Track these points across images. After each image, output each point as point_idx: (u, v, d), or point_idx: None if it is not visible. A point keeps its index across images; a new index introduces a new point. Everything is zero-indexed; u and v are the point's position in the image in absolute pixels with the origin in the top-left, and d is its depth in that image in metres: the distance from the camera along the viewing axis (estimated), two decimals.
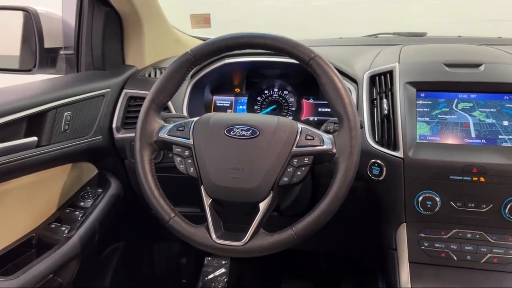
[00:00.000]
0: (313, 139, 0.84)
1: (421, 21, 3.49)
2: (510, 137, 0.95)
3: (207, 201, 0.85)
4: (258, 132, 0.85)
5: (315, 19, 3.84)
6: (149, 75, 1.28)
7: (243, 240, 0.82)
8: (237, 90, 1.31)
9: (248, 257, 0.85)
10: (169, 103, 1.16)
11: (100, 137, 1.18)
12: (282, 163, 0.83)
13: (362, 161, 0.96)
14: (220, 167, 0.84)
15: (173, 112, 1.18)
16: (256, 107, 1.28)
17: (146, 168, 0.88)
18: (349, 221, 1.23)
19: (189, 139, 0.88)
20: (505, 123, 0.96)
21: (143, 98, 0.94)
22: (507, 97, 0.98)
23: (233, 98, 1.30)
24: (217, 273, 1.76)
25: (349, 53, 1.29)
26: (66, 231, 1.08)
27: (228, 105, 1.30)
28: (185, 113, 1.18)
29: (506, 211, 0.91)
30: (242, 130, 0.86)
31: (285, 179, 0.83)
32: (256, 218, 0.83)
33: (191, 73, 1.10)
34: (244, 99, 1.29)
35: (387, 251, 1.02)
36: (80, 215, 1.12)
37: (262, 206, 0.83)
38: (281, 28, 3.74)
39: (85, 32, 1.26)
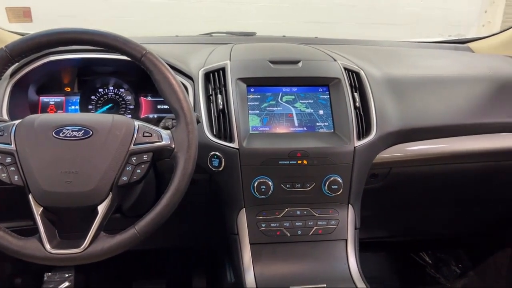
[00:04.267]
0: (151, 135, 0.85)
1: (253, 22, 3.74)
2: (325, 124, 1.10)
3: (37, 210, 0.79)
4: (91, 132, 0.82)
5: (154, 17, 3.78)
6: None
7: (82, 246, 0.78)
8: (68, 89, 1.22)
9: (94, 265, 0.82)
10: None
11: None
12: (120, 162, 0.81)
13: (202, 154, 1.01)
14: (50, 172, 0.79)
15: None
16: (90, 106, 1.22)
17: None
18: (195, 213, 1.26)
19: (11, 144, 0.79)
20: (321, 112, 1.11)
21: None
22: (321, 90, 1.13)
23: (63, 98, 1.21)
24: None
25: (185, 51, 1.32)
26: None
27: (58, 105, 1.21)
28: (5, 116, 1.05)
29: (326, 187, 1.05)
30: (73, 131, 0.81)
31: (124, 178, 0.81)
32: (95, 222, 0.80)
33: (9, 71, 0.99)
34: (76, 98, 1.21)
35: (230, 236, 1.08)
36: None
37: (101, 208, 0.80)
38: (118, 24, 3.58)
39: None
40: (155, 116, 1.24)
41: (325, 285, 1.00)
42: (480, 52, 1.63)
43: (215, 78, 1.11)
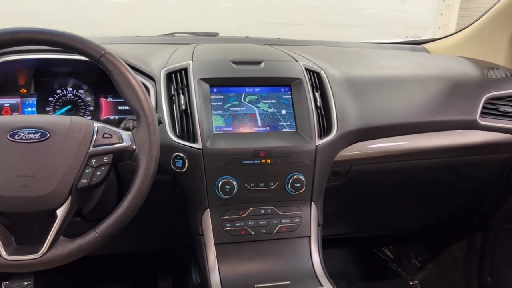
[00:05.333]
0: (111, 137, 0.83)
1: (216, 23, 3.74)
2: (288, 123, 1.11)
3: None
4: (48, 134, 0.80)
5: (115, 17, 3.71)
6: None
7: (41, 252, 0.76)
8: (23, 90, 1.18)
9: (55, 271, 0.80)
10: None
11: None
12: (79, 165, 0.79)
13: (165, 155, 1.00)
14: (5, 176, 0.76)
15: None
16: (48, 108, 1.18)
17: None
18: (159, 215, 1.25)
19: None
20: (283, 112, 1.12)
21: None
22: (283, 90, 1.14)
23: (19, 99, 1.17)
24: None
25: (146, 51, 1.30)
26: None
27: (13, 107, 1.17)
28: None
29: (289, 186, 1.07)
30: (29, 133, 0.79)
31: (84, 181, 0.80)
32: (54, 226, 0.78)
33: None
34: (33, 100, 1.17)
35: (195, 237, 1.08)
36: None
37: (60, 212, 0.78)
38: (77, 25, 3.49)
39: None
40: (116, 117, 1.22)
41: (289, 282, 1.02)
42: (435, 52, 1.70)
43: (177, 79, 1.10)
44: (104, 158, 0.81)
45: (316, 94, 1.13)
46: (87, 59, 0.85)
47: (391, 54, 1.58)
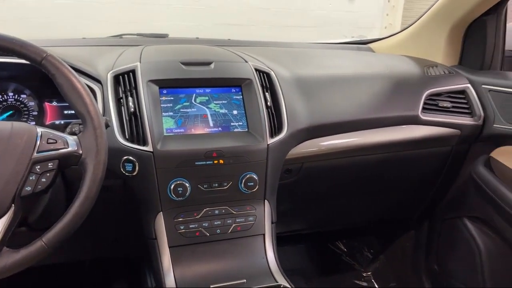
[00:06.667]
0: (56, 142, 0.81)
1: (166, 24, 3.69)
2: (239, 123, 1.12)
3: None
4: None
5: (60, 18, 3.58)
6: None
7: None
8: None
9: (2, 284, 0.76)
10: None
11: None
12: (22, 172, 0.76)
13: (114, 159, 0.98)
14: None
15: None
16: None
17: None
18: (111, 221, 1.23)
19: None
20: (235, 112, 1.13)
21: None
22: (234, 90, 1.15)
23: None
24: None
25: (92, 53, 1.27)
26: None
27: None
28: None
29: (242, 185, 1.07)
30: None
31: (28, 188, 0.77)
32: None
33: None
34: None
35: (149, 241, 1.06)
36: None
37: (3, 222, 0.75)
38: (19, 26, 3.34)
39: None
40: (62, 122, 1.18)
41: (244, 281, 1.03)
42: (380, 51, 1.77)
43: (125, 81, 1.09)
44: (49, 164, 0.79)
45: (267, 94, 1.15)
46: (28, 62, 0.82)
47: (338, 54, 1.63)
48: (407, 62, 1.53)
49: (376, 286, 1.88)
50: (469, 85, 1.42)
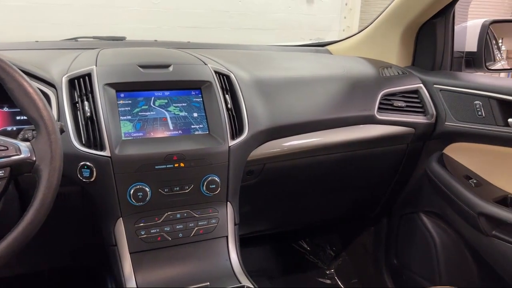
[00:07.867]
0: (7, 149, 0.78)
1: (124, 26, 3.62)
2: (200, 126, 1.12)
3: None
4: None
5: (11, 21, 3.44)
6: None
7: None
8: None
9: None
10: None
11: None
12: None
13: (70, 165, 0.95)
14: None
15: None
16: None
17: None
18: (69, 229, 1.19)
19: None
20: (195, 114, 1.12)
21: None
22: (194, 93, 1.14)
23: None
24: None
25: (45, 57, 1.23)
26: None
27: None
28: None
29: (204, 188, 1.07)
30: None
31: None
32: None
33: None
34: None
35: (109, 248, 1.04)
36: None
37: None
38: None
39: None
40: (15, 128, 1.13)
41: (208, 283, 1.03)
42: (337, 53, 1.81)
43: (80, 85, 1.06)
44: (0, 172, 0.76)
45: (227, 96, 1.15)
46: None
47: (297, 56, 1.66)
48: (362, 63, 1.57)
49: (339, 283, 1.92)
50: (421, 85, 1.48)
